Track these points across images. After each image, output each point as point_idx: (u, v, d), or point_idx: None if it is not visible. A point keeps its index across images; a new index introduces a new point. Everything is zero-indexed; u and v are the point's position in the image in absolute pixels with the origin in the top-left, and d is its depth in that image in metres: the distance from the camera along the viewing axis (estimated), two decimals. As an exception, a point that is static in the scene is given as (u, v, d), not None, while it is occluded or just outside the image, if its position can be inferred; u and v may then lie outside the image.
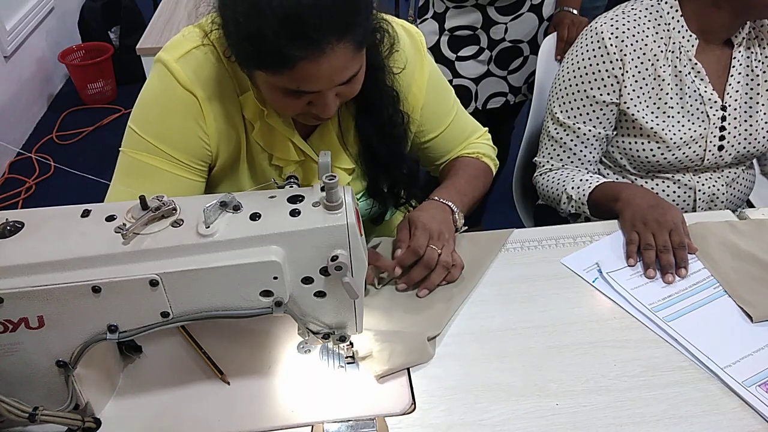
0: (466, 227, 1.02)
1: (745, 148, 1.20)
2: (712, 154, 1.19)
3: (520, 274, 0.98)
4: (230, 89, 0.90)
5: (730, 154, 1.20)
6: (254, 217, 0.67)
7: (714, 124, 1.18)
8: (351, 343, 0.80)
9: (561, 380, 0.81)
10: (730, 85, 1.18)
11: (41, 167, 2.78)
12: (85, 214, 0.68)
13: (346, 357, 0.82)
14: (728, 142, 1.19)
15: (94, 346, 0.69)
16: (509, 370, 0.82)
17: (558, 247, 1.03)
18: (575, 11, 1.59)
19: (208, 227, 0.65)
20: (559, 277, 0.97)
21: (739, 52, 1.18)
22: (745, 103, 1.19)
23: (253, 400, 0.79)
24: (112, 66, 3.24)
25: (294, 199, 0.68)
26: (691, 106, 1.17)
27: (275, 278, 0.66)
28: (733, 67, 1.18)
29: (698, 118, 1.18)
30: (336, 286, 0.69)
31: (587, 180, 1.19)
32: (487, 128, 1.18)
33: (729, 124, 1.19)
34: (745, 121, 1.19)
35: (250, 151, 0.97)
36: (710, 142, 1.18)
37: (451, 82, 1.50)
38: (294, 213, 0.67)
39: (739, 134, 1.19)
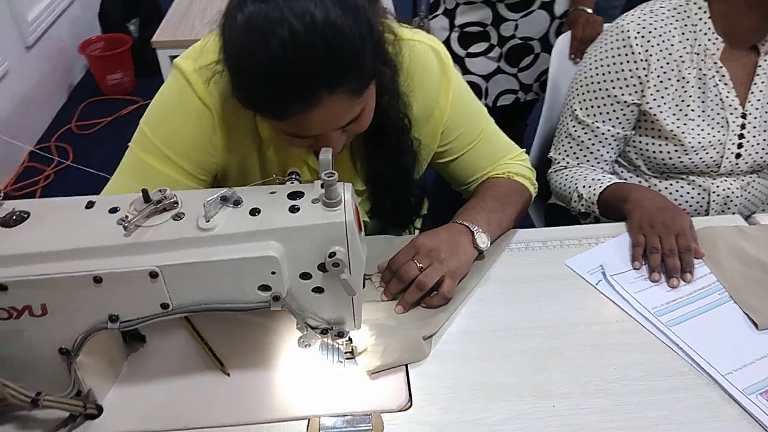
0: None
1: (762, 158, 1.19)
2: (729, 161, 1.17)
3: (523, 274, 0.97)
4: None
5: (746, 162, 1.18)
6: (254, 212, 0.67)
7: (733, 131, 1.16)
8: (350, 339, 0.81)
9: (560, 382, 0.80)
10: (752, 93, 1.16)
11: (60, 156, 2.82)
12: (90, 205, 0.70)
13: (345, 352, 0.83)
14: (746, 151, 1.17)
15: (96, 334, 0.70)
16: (508, 371, 0.82)
17: (563, 248, 1.02)
18: (590, 10, 1.58)
19: (209, 221, 0.66)
20: (563, 279, 0.96)
21: (765, 60, 1.16)
22: (766, 112, 1.17)
23: (252, 392, 0.80)
24: (131, 57, 3.28)
25: (294, 195, 0.69)
26: (711, 110, 1.16)
27: (273, 273, 0.67)
28: (758, 75, 1.16)
29: (718, 123, 1.16)
30: (334, 283, 0.70)
31: (599, 180, 1.18)
32: (524, 149, 1.13)
33: (748, 132, 1.17)
34: (765, 130, 1.17)
35: (264, 168, 0.97)
36: (728, 148, 1.16)
37: None
38: (293, 209, 0.67)
39: (758, 143, 1.17)
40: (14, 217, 0.67)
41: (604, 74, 1.19)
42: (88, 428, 0.76)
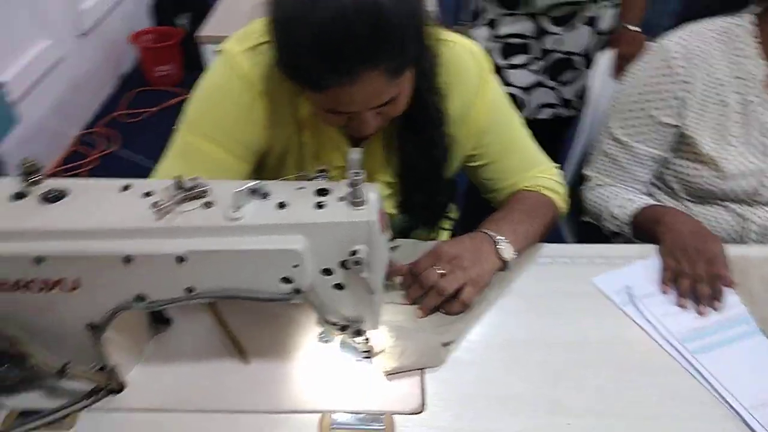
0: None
1: None
2: None
3: (548, 289, 0.97)
4: (289, 89, 0.92)
5: None
6: (281, 205, 0.69)
7: None
8: (367, 339, 0.82)
9: (576, 399, 0.79)
10: None
11: (106, 143, 2.91)
12: (125, 188, 0.72)
13: (363, 352, 0.83)
14: None
15: (123, 313, 0.72)
16: (525, 383, 0.82)
17: (591, 265, 1.01)
18: (637, 28, 1.56)
19: (236, 211, 0.67)
20: (588, 297, 0.95)
21: None
22: None
23: (269, 382, 0.82)
24: (180, 51, 3.36)
25: (321, 192, 0.70)
26: (753, 137, 1.13)
27: (295, 266, 0.68)
28: None
29: (759, 150, 1.13)
30: (355, 280, 0.70)
31: (633, 200, 1.16)
32: (557, 165, 1.13)
33: None
34: None
35: (300, 151, 0.99)
36: (767, 177, 1.14)
37: None
38: (319, 205, 0.68)
39: None
40: (53, 194, 0.70)
41: (643, 94, 1.17)
42: (109, 402, 0.78)
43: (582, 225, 1.50)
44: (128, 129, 3.07)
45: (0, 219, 0.68)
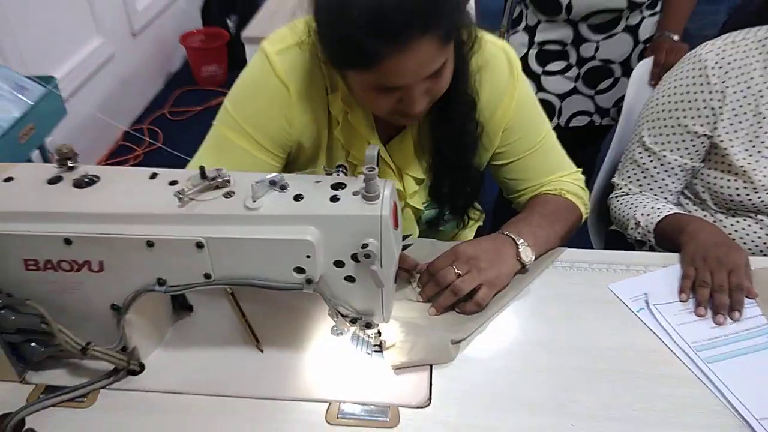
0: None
1: None
2: None
3: (564, 293, 0.97)
4: (321, 87, 0.96)
5: None
6: (297, 197, 0.71)
7: None
8: (379, 333, 0.83)
9: (583, 402, 0.79)
10: None
11: (151, 139, 3.01)
12: (153, 176, 0.76)
13: (374, 345, 0.85)
14: None
15: (145, 295, 0.76)
16: (532, 385, 0.82)
17: (609, 272, 1.01)
18: (677, 37, 1.53)
19: (255, 201, 0.70)
20: (604, 303, 0.95)
21: None
22: None
23: (281, 370, 0.84)
24: (227, 52, 3.45)
25: (337, 186, 0.72)
26: None
27: (308, 257, 0.70)
28: None
29: None
30: (365, 274, 0.72)
31: (658, 208, 1.15)
32: (580, 169, 1.13)
33: None
34: None
35: (331, 147, 1.02)
36: None
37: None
38: (334, 199, 0.71)
39: None
40: (86, 180, 0.74)
41: (676, 102, 1.16)
42: (129, 382, 0.82)
43: (610, 234, 1.49)
44: (174, 126, 3.17)
45: (35, 201, 0.72)
